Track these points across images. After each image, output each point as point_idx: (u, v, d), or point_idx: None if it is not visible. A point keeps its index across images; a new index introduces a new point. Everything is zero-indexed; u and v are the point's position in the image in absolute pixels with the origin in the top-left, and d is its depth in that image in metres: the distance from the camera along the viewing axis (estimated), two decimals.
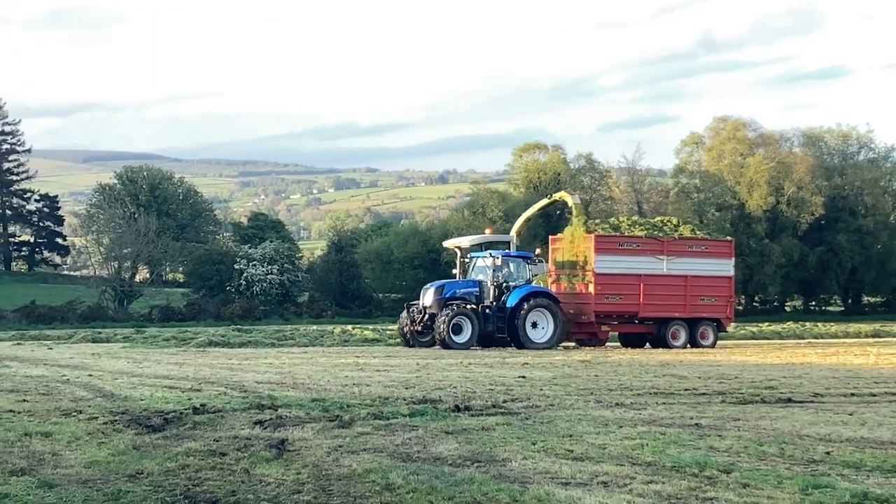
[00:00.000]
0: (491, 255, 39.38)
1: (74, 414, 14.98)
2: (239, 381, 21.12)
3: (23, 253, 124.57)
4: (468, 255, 40.85)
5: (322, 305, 76.56)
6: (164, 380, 21.80)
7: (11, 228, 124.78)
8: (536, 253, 41.20)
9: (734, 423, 14.32)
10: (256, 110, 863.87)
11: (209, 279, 79.62)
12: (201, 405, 15.71)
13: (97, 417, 14.47)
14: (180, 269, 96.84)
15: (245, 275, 76.59)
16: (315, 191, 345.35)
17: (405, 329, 38.87)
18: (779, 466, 10.81)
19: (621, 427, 13.69)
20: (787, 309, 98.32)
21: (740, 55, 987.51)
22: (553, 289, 40.89)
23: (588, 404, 16.68)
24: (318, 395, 17.89)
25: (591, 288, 39.90)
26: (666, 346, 40.11)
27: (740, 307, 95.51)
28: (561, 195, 46.25)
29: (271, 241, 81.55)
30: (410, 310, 39.11)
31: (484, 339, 38.46)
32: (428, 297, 38.52)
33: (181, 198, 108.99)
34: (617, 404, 16.66)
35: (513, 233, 43.34)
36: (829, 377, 23.29)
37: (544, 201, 46.87)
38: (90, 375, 22.81)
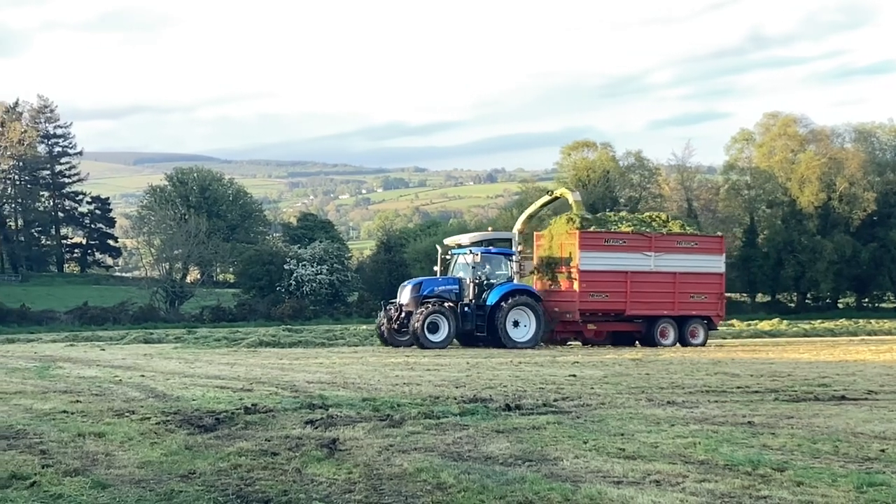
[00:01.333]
0: (471, 252, 38.43)
1: (127, 414, 15.06)
2: (290, 381, 21.18)
3: (75, 255, 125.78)
4: (449, 252, 40.31)
5: (372, 305, 76.70)
6: (215, 380, 21.89)
7: (64, 230, 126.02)
8: (518, 250, 40.33)
9: (787, 420, 14.19)
10: (305, 111, 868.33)
11: (259, 279, 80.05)
12: (253, 405, 15.76)
13: (150, 418, 14.53)
14: (231, 269, 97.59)
15: (295, 275, 76.95)
16: (364, 191, 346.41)
17: (383, 328, 38.02)
18: (833, 464, 10.70)
19: (673, 425, 13.61)
20: (840, 306, 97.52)
21: (790, 51, 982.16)
22: (537, 286, 40.21)
23: (639, 403, 16.60)
24: (368, 394, 17.90)
25: (576, 285, 39.05)
26: (654, 344, 39.37)
27: (792, 304, 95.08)
28: (562, 192, 45.45)
29: (321, 242, 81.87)
30: (388, 308, 38.26)
31: (465, 338, 38.03)
32: (405, 294, 37.74)
33: (231, 199, 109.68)
34: (669, 402, 16.56)
35: (515, 230, 42.50)
36: (883, 374, 23.07)
37: (546, 197, 45.83)
38: (142, 376, 22.93)
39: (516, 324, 37.41)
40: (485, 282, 37.94)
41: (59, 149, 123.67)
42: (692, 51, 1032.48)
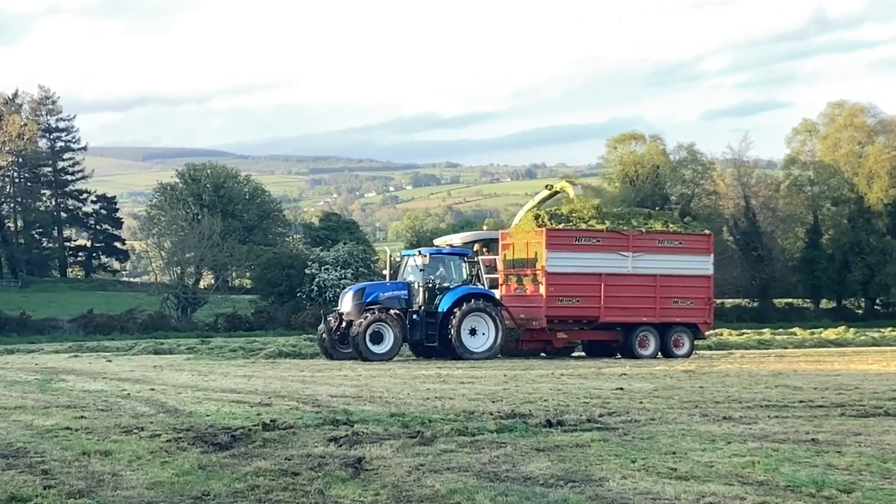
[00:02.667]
0: (419, 253, 37.74)
1: (136, 431, 15.14)
2: (312, 395, 21.25)
3: (79, 258, 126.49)
4: (399, 254, 39.83)
5: None
6: (231, 394, 21.99)
7: (67, 232, 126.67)
8: (475, 249, 39.80)
9: (855, 437, 14.15)
10: (328, 102, 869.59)
11: (278, 285, 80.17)
12: (271, 421, 15.81)
13: (160, 435, 14.61)
14: (247, 274, 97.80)
15: (317, 280, 77.02)
16: (392, 188, 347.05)
17: (324, 338, 37.23)
18: None
19: (730, 443, 13.58)
20: None
21: (856, 34, 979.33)
22: (503, 291, 39.45)
23: (693, 418, 16.56)
24: (397, 409, 17.94)
25: (543, 289, 37.92)
26: (632, 355, 38.37)
27: (860, 311, 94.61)
28: (562, 185, 45.15)
29: (345, 244, 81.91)
30: (328, 317, 37.41)
31: (421, 348, 37.50)
32: (346, 301, 36.95)
33: (248, 197, 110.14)
34: (725, 418, 16.52)
35: (512, 228, 41.74)
36: None
37: (544, 192, 45.42)
38: (152, 389, 23.06)
39: (473, 332, 36.50)
40: (437, 286, 37.06)
41: (62, 143, 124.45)
42: (749, 34, 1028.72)
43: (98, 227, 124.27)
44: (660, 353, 39.07)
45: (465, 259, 38.33)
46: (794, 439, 13.98)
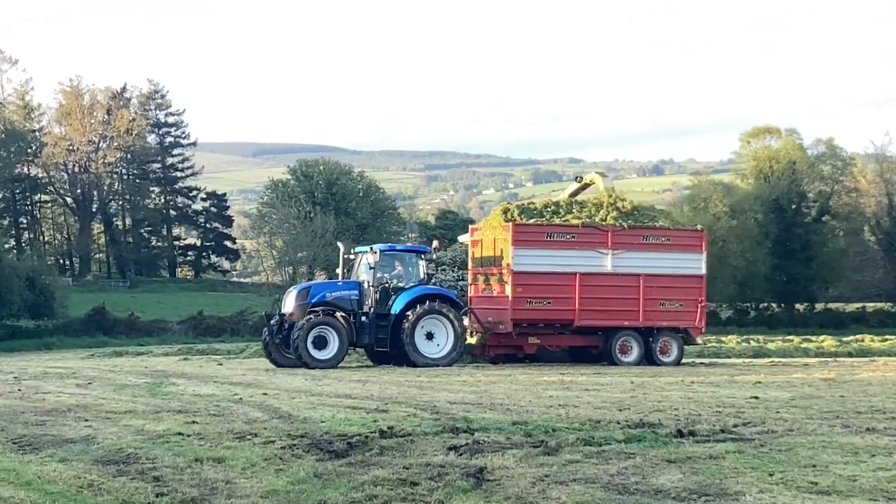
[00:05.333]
0: (371, 250, 36.22)
1: (249, 437, 15.32)
2: (429, 401, 21.31)
3: (188, 258, 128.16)
4: (353, 251, 38.45)
5: None
6: (346, 399, 22.13)
7: (176, 231, 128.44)
8: (433, 246, 38.77)
9: None
10: (444, 93, 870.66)
11: None
12: (388, 428, 15.89)
13: (274, 441, 14.76)
14: None
15: (434, 281, 77.23)
16: (511, 185, 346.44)
17: (268, 342, 35.99)
18: None
19: (874, 456, 13.41)
20: None
21: None
22: (472, 291, 38.46)
23: (833, 429, 16.35)
24: (519, 417, 17.95)
25: (509, 290, 36.43)
26: (613, 361, 36.81)
27: None
28: (591, 177, 43.61)
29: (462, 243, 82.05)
30: (272, 320, 36.32)
31: (377, 353, 36.20)
32: (289, 302, 35.70)
33: (361, 194, 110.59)
34: (868, 429, 16.29)
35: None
36: None
37: (575, 185, 44.04)
38: (265, 394, 23.28)
39: (430, 336, 35.24)
40: (391, 286, 35.82)
41: (171, 139, 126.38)
42: None
43: (208, 225, 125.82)
44: (644, 361, 37.34)
45: (423, 256, 37.22)
46: None
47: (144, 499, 10.88)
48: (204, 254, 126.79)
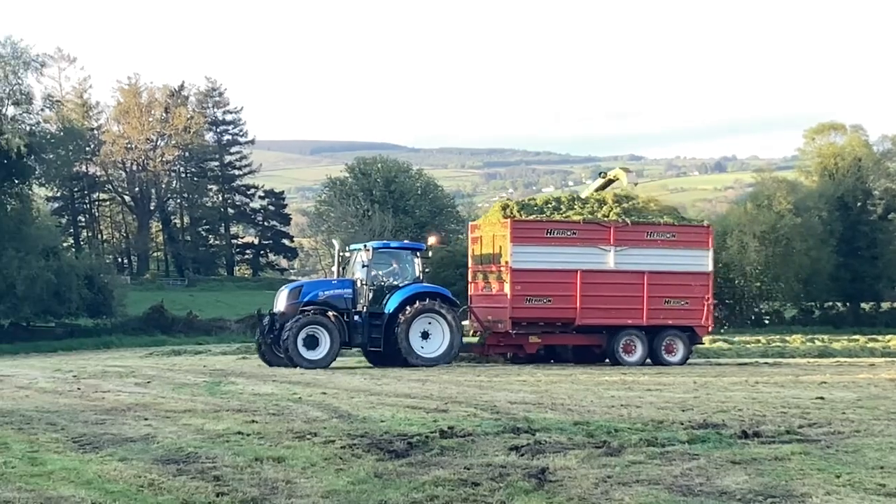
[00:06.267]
0: (364, 248, 36.05)
1: (308, 437, 15.38)
2: (490, 401, 21.32)
3: (246, 256, 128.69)
4: (348, 249, 38.33)
5: None
6: (405, 398, 22.18)
7: (234, 229, 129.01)
8: (430, 244, 38.21)
9: None
10: (502, 90, 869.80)
11: (452, 284, 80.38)
12: (449, 428, 15.92)
13: (334, 441, 14.82)
14: None
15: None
16: (571, 182, 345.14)
17: (260, 342, 35.93)
18: None
19: None
20: None
21: None
22: (472, 289, 38.23)
23: None
24: (580, 417, 17.93)
25: (507, 288, 36.10)
26: (616, 361, 36.50)
27: None
28: (615, 173, 42.96)
29: None
30: (264, 319, 36.01)
31: (374, 354, 35.85)
32: (281, 300, 35.38)
33: (420, 192, 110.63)
34: None
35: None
36: None
37: (599, 181, 43.43)
38: (324, 393, 23.35)
39: (426, 335, 34.85)
40: (385, 284, 35.44)
41: (229, 137, 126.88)
42: None
43: (266, 223, 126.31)
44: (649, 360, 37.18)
45: (418, 254, 36.74)
46: None
47: (205, 498, 10.95)
48: (261, 252, 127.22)
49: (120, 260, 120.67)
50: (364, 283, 35.02)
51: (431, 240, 39.70)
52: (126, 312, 73.22)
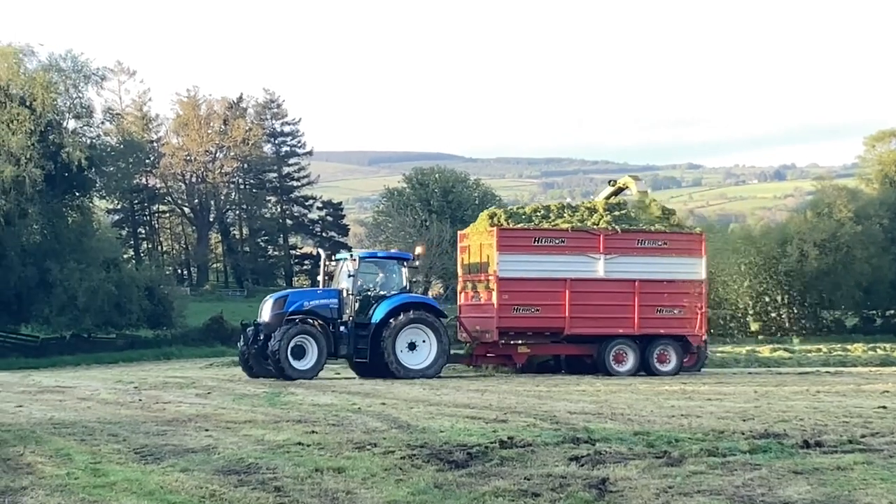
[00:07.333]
0: (351, 257, 35.63)
1: (368, 447, 15.42)
2: (549, 411, 21.31)
3: (305, 267, 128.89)
4: (334, 258, 37.76)
5: None
6: (464, 409, 22.21)
7: (292, 240, 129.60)
8: (417, 253, 37.96)
9: None
10: (557, 98, 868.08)
11: None
12: (508, 438, 15.93)
13: (393, 451, 14.85)
14: None
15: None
16: (629, 191, 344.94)
17: (245, 353, 35.20)
18: None
19: None
20: None
21: None
22: (461, 299, 37.93)
23: None
24: (640, 427, 17.89)
25: (495, 297, 35.59)
26: (607, 371, 35.78)
27: None
28: (625, 181, 42.82)
29: None
30: (247, 329, 35.47)
31: (363, 365, 35.14)
32: (265, 310, 34.75)
33: (477, 202, 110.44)
34: None
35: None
36: None
37: (608, 189, 43.18)
38: (383, 404, 23.42)
39: (413, 346, 34.24)
40: (372, 294, 34.91)
41: (287, 148, 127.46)
42: None
43: (324, 234, 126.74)
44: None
45: (405, 263, 36.18)
46: None
47: None
48: (320, 263, 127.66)
49: (180, 271, 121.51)
50: (350, 292, 34.42)
51: (419, 249, 38.87)
52: (186, 323, 73.68)
